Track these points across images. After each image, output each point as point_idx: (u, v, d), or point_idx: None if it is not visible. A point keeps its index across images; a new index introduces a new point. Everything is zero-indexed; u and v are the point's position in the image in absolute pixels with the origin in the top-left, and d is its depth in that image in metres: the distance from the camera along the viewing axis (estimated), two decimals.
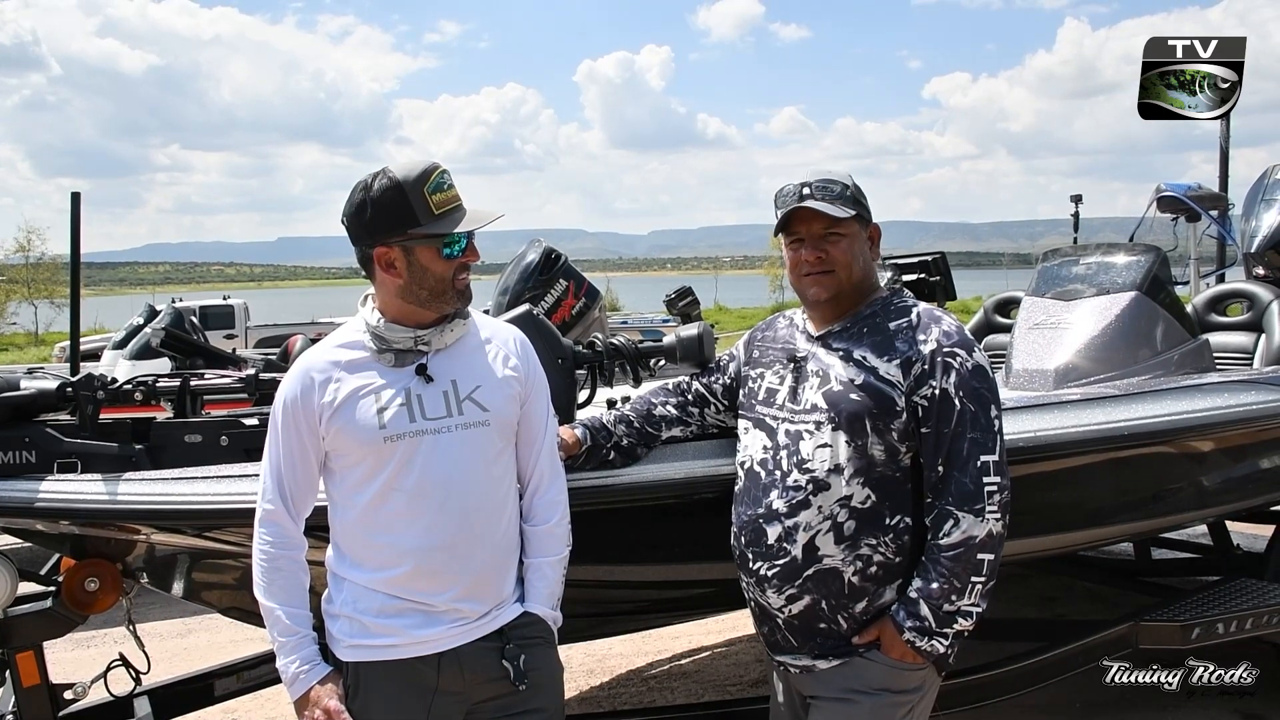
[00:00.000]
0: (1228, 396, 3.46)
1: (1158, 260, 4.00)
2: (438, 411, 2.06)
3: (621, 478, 2.57)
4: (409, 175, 2.02)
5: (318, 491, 2.14)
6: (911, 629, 2.12)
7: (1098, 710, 4.17)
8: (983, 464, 2.10)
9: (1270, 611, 3.63)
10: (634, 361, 2.94)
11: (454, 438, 2.05)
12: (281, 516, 2.10)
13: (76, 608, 2.73)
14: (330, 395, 2.04)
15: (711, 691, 4.59)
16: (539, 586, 2.20)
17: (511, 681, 2.08)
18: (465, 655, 2.07)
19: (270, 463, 2.11)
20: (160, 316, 9.97)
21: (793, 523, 2.17)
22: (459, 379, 2.09)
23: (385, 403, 2.03)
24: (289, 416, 2.07)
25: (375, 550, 2.06)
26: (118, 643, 3.24)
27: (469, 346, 2.16)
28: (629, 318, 21.57)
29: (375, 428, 2.02)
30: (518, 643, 2.11)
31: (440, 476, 2.04)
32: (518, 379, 2.17)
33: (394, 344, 2.08)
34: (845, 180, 2.23)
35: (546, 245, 3.55)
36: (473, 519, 2.07)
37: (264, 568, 2.09)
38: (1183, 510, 3.73)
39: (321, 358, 2.10)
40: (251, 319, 20.13)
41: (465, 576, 2.06)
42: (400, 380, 2.06)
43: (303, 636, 2.09)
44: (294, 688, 2.08)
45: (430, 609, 2.05)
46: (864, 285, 2.27)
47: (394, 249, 2.04)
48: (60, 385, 2.75)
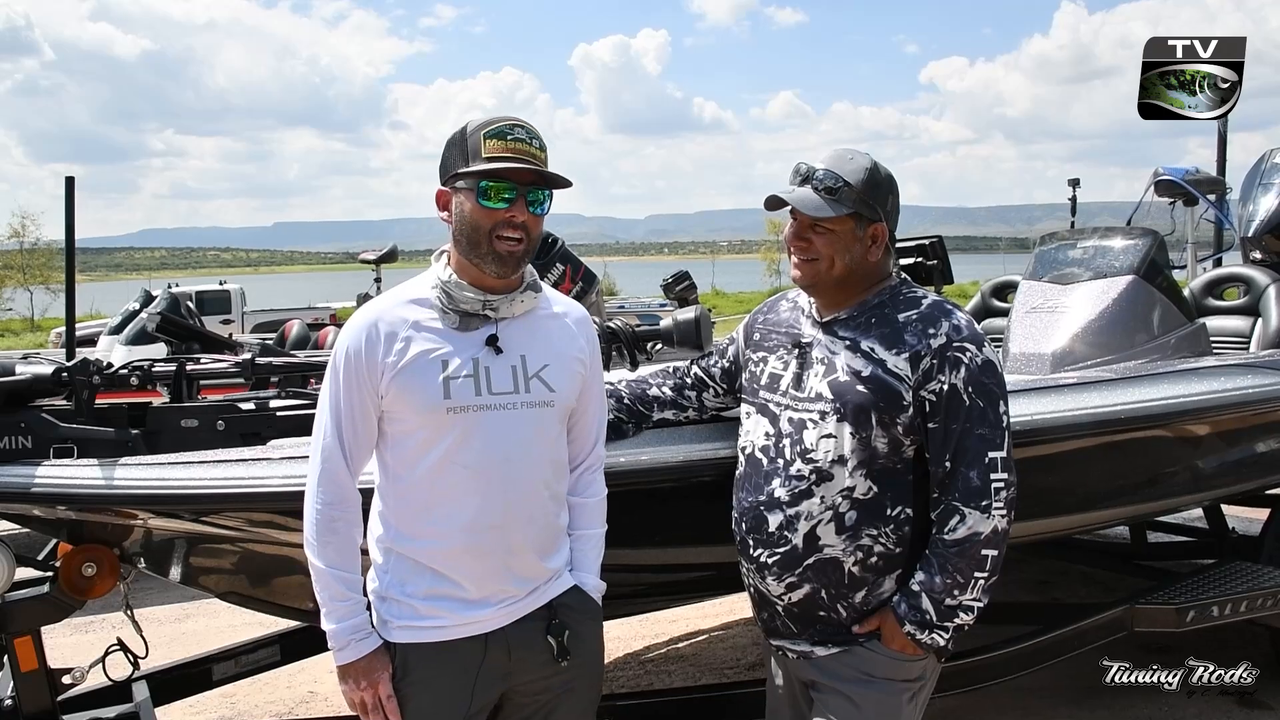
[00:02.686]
0: (1224, 380, 3.47)
1: (1155, 244, 4.00)
2: (504, 386, 1.99)
3: (620, 461, 2.57)
4: (482, 120, 1.98)
5: (374, 447, 2.06)
6: (913, 622, 2.12)
7: (1093, 693, 4.19)
8: (991, 460, 2.09)
9: (1265, 594, 3.65)
10: (631, 345, 2.94)
11: (518, 415, 2.00)
12: (341, 473, 2.00)
13: (74, 593, 2.72)
14: (395, 355, 1.96)
15: (709, 675, 4.61)
16: (590, 558, 2.19)
17: (555, 658, 2.06)
18: (512, 634, 2.04)
19: (330, 416, 2.00)
20: (156, 302, 9.95)
21: (794, 511, 2.16)
22: (528, 355, 2.03)
23: (453, 371, 1.96)
24: (351, 369, 1.97)
25: (428, 524, 2.00)
26: (116, 628, 3.25)
27: (540, 321, 2.10)
28: (626, 302, 21.56)
29: (440, 397, 1.94)
30: (564, 618, 2.09)
31: (501, 454, 1.98)
32: (583, 361, 2.13)
33: (460, 304, 2.00)
34: (853, 175, 2.13)
35: (543, 229, 3.54)
36: (528, 499, 2.03)
37: (320, 527, 2.00)
38: (1178, 494, 3.74)
39: (390, 311, 2.01)
40: (248, 304, 20.11)
41: (515, 555, 2.03)
42: (469, 348, 1.99)
43: (355, 601, 2.01)
44: (342, 654, 2.00)
45: (479, 588, 2.01)
46: (851, 279, 2.20)
47: (450, 191, 2.01)
48: (56, 370, 2.74)
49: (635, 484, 2.60)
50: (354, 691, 2.02)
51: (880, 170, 2.18)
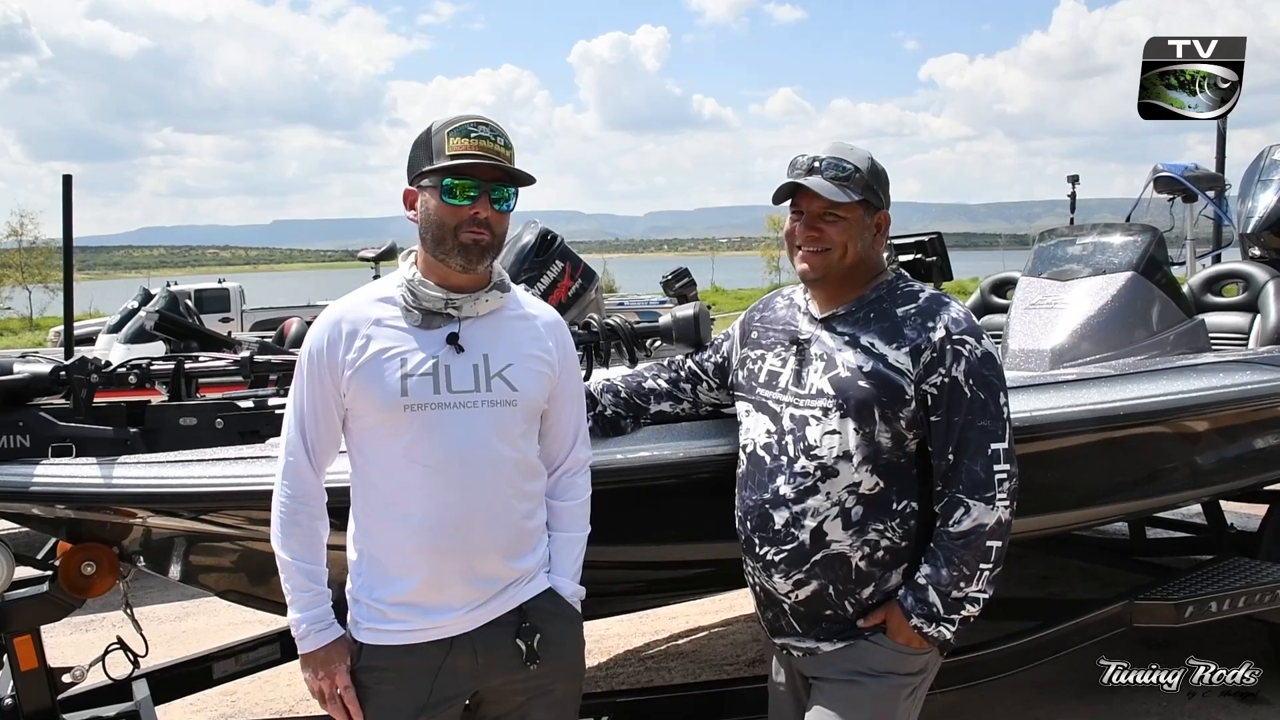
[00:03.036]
0: (1223, 376, 3.47)
1: (1154, 241, 4.00)
2: (465, 385, 2.00)
3: (619, 458, 2.57)
4: (447, 119, 2.00)
5: (340, 444, 2.09)
6: (919, 615, 2.12)
7: (1093, 688, 4.19)
8: (993, 452, 2.10)
9: (1263, 590, 3.65)
10: (630, 342, 2.94)
11: (478, 414, 2.00)
12: (304, 468, 2.05)
13: (73, 592, 2.72)
14: (355, 352, 1.98)
15: (709, 671, 4.62)
16: (568, 562, 2.18)
17: (524, 661, 2.06)
18: (479, 638, 2.05)
19: (294, 412, 2.05)
20: (155, 300, 9.95)
21: (800, 508, 2.16)
22: (491, 354, 2.04)
23: (411, 369, 1.98)
24: (314, 366, 2.02)
25: (389, 520, 2.02)
26: (116, 626, 3.24)
27: (505, 321, 2.10)
28: (626, 299, 21.53)
29: (397, 394, 1.96)
30: (535, 621, 2.09)
31: (460, 453, 1.98)
32: (551, 362, 2.12)
33: (424, 302, 2.02)
34: (859, 162, 2.16)
35: (543, 227, 3.54)
36: (490, 499, 2.02)
37: (282, 520, 2.05)
38: (1177, 490, 3.75)
39: (354, 309, 2.04)
40: (247, 302, 20.09)
41: (478, 556, 2.03)
42: (430, 346, 2.00)
43: (317, 593, 2.06)
44: (303, 643, 2.06)
45: (441, 590, 2.01)
46: (858, 270, 2.22)
47: (416, 190, 2.03)
48: (54, 369, 2.74)
49: (634, 481, 2.61)
50: (313, 680, 2.08)
51: (877, 161, 2.21)
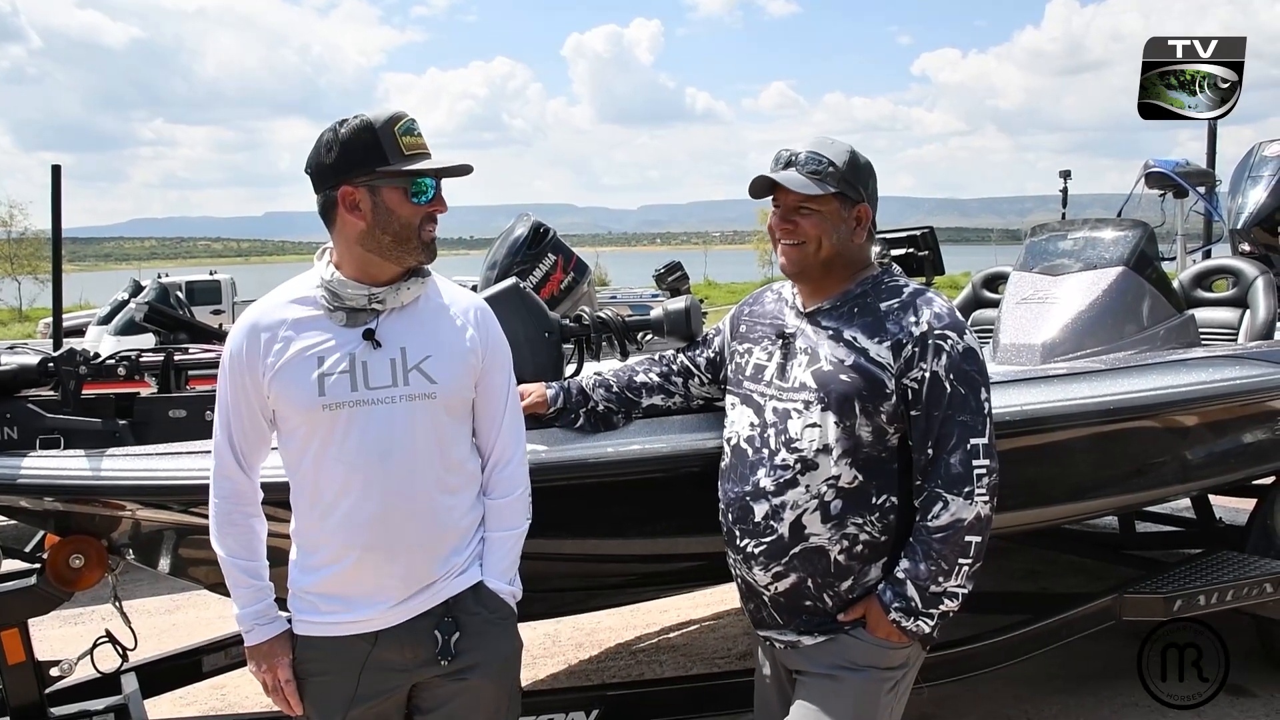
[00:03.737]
0: (1212, 371, 3.48)
1: (1145, 236, 4.01)
2: (382, 380, 1.98)
3: (609, 452, 2.57)
4: (379, 117, 1.97)
5: (270, 442, 2.10)
6: (897, 609, 2.13)
7: (1082, 681, 4.21)
8: (972, 447, 2.10)
9: (1250, 583, 3.67)
10: (621, 335, 2.93)
11: (396, 409, 1.98)
12: (232, 471, 2.07)
13: (61, 585, 2.72)
14: (274, 355, 1.98)
15: (699, 664, 4.63)
16: (495, 560, 2.14)
17: (437, 655, 2.04)
18: (403, 632, 2.05)
19: (220, 417, 2.06)
20: (145, 292, 9.91)
21: (780, 501, 2.17)
22: (408, 346, 2.01)
23: (327, 368, 1.96)
24: (235, 371, 2.02)
25: (313, 518, 2.03)
26: (105, 619, 3.24)
27: (425, 312, 2.07)
28: (618, 293, 21.50)
29: (314, 394, 1.95)
30: (457, 617, 2.07)
31: (379, 449, 1.97)
32: (473, 352, 2.09)
33: (347, 301, 2.00)
34: (834, 156, 2.17)
35: (535, 220, 3.53)
36: (412, 494, 2.01)
37: (217, 521, 2.08)
38: (1167, 484, 3.76)
39: (270, 313, 2.03)
40: (239, 294, 20.02)
41: (404, 552, 2.02)
42: (347, 344, 1.99)
43: (257, 589, 2.09)
44: (248, 636, 2.11)
45: (363, 585, 2.02)
46: (837, 263, 2.22)
47: (360, 189, 1.96)
48: (42, 361, 2.73)
49: (624, 475, 2.61)
50: (258, 672, 2.12)
51: (860, 154, 2.21)
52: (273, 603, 2.11)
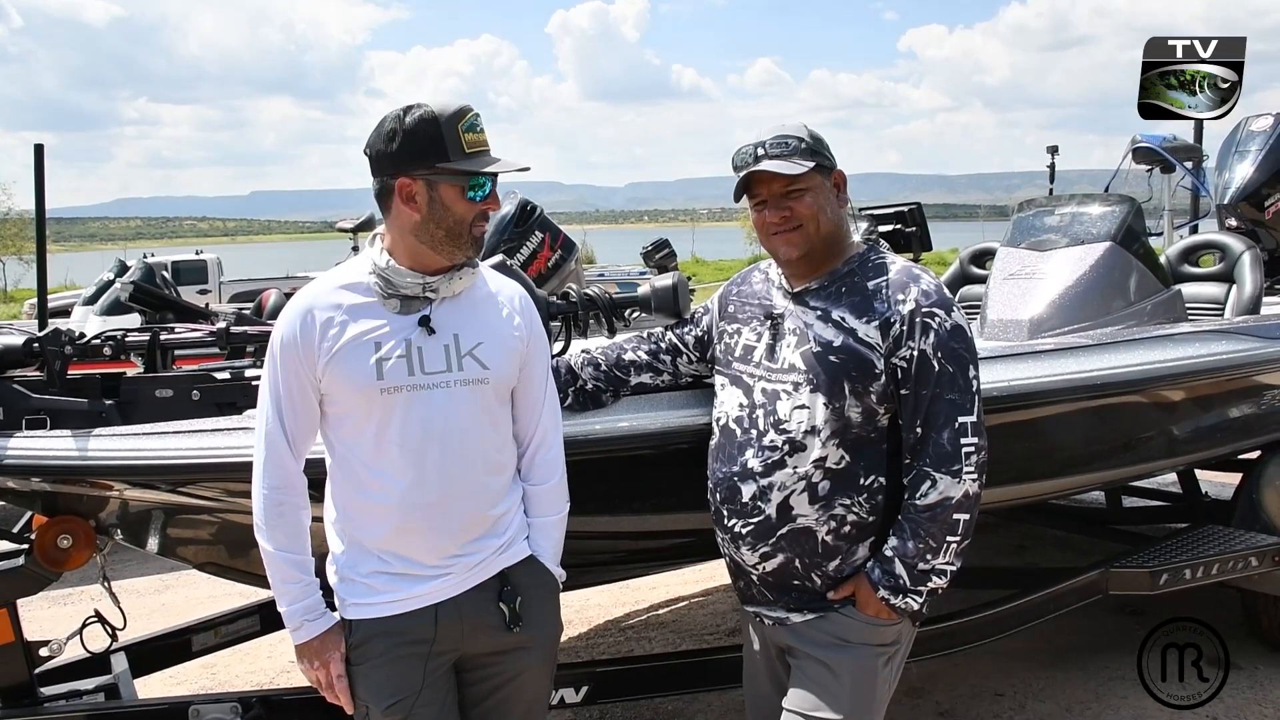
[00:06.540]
0: (1199, 346, 3.49)
1: (1132, 211, 4.01)
2: (437, 366, 2.02)
3: (598, 428, 2.57)
4: (445, 110, 1.98)
5: (317, 430, 2.10)
6: (886, 587, 2.13)
7: (1069, 655, 4.25)
8: (960, 425, 2.10)
9: (1236, 557, 3.70)
10: (609, 312, 2.93)
11: (451, 393, 2.02)
12: (285, 457, 2.04)
13: (49, 565, 2.70)
14: (330, 340, 1.99)
15: (689, 641, 4.65)
16: (544, 544, 2.20)
17: (507, 624, 2.09)
18: (463, 603, 2.07)
19: (270, 401, 2.04)
20: (130, 271, 9.83)
21: (767, 482, 2.17)
22: (461, 333, 2.05)
23: (385, 353, 1.99)
24: (289, 356, 2.01)
25: (367, 502, 2.04)
26: (94, 600, 3.23)
27: (475, 300, 2.12)
28: (606, 270, 21.45)
29: (373, 378, 1.98)
30: (515, 587, 2.11)
31: (434, 432, 2.01)
32: (520, 338, 2.14)
33: (401, 289, 2.02)
34: (800, 134, 2.18)
35: (522, 198, 3.52)
36: (466, 476, 2.05)
37: (268, 512, 2.05)
38: (1153, 459, 3.78)
39: (323, 297, 2.03)
40: (225, 274, 19.90)
41: (454, 534, 2.05)
42: (402, 330, 2.01)
43: (306, 584, 2.07)
44: (297, 634, 2.08)
45: (421, 564, 2.04)
46: (836, 236, 2.22)
47: (418, 181, 1.98)
48: (27, 341, 2.71)
49: (613, 451, 2.61)
50: (309, 670, 2.11)
51: (812, 128, 2.22)
52: (320, 597, 2.09)
